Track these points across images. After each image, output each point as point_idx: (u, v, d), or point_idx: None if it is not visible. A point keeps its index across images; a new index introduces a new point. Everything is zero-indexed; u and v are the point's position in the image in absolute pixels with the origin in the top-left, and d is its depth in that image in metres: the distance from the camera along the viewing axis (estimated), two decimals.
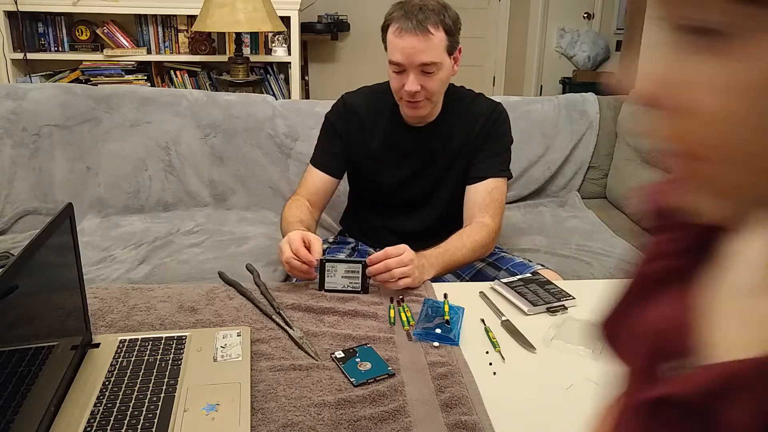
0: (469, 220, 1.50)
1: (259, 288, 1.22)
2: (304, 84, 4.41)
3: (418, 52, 1.37)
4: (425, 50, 1.37)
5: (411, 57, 1.37)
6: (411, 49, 1.37)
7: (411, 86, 1.39)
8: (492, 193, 1.51)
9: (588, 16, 4.99)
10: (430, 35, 1.36)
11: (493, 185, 1.51)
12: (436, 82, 1.41)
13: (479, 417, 0.85)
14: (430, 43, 1.36)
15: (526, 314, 1.16)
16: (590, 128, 2.34)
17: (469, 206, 1.52)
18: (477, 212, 1.49)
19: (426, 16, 1.36)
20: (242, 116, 2.17)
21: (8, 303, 0.72)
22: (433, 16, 1.36)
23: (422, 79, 1.40)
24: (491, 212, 1.49)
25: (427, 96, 1.43)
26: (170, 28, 3.52)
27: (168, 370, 0.92)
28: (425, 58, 1.37)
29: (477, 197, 1.51)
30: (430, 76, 1.40)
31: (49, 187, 2.06)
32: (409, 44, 1.37)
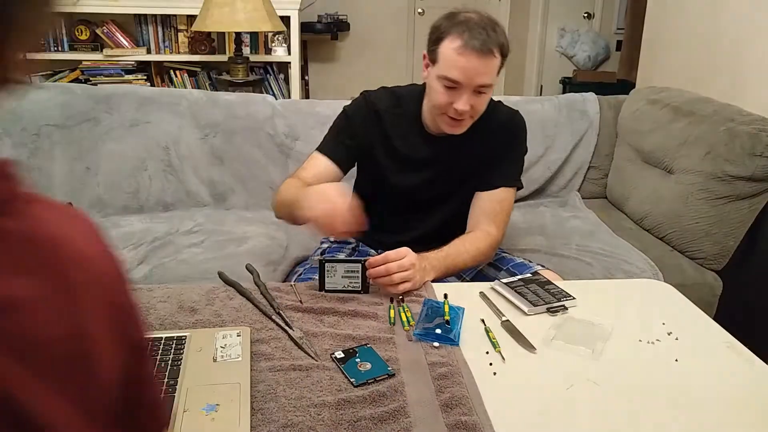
0: (474, 226, 1.49)
1: (259, 288, 1.21)
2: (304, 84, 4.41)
3: (479, 73, 1.33)
4: (486, 72, 1.33)
5: (472, 78, 1.33)
6: (473, 70, 1.32)
7: (463, 106, 1.35)
8: (501, 203, 1.50)
9: (588, 15, 4.99)
10: (493, 58, 1.32)
11: (504, 195, 1.50)
12: (483, 102, 1.39)
13: (479, 417, 0.85)
14: (491, 65, 1.33)
15: (526, 314, 1.16)
16: (590, 128, 2.34)
17: (476, 212, 1.50)
18: (483, 220, 1.48)
19: (490, 37, 1.31)
20: (242, 116, 2.17)
21: None
22: (494, 37, 1.33)
23: (473, 99, 1.36)
24: (497, 222, 1.48)
25: (472, 115, 1.40)
26: (170, 27, 3.51)
27: (168, 371, 0.92)
28: (485, 80, 1.34)
29: (486, 205, 1.49)
30: (481, 96, 1.37)
31: (49, 187, 2.06)
32: (472, 65, 1.32)
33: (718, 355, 1.05)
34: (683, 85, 2.36)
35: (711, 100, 2.05)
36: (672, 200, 1.95)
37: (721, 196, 1.82)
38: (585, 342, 1.05)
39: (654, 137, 2.10)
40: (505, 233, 1.52)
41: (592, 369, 0.99)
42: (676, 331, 1.11)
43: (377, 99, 1.53)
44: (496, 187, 1.50)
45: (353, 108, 1.55)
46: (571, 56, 4.96)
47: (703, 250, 1.85)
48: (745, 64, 2.16)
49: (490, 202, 1.50)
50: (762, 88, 2.08)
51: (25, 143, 2.04)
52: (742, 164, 1.76)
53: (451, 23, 1.35)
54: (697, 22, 2.45)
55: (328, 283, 1.23)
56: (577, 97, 2.39)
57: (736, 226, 1.82)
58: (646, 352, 1.05)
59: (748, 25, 2.15)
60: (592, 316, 1.15)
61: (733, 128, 1.81)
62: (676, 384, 0.96)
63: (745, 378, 0.99)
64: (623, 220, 2.15)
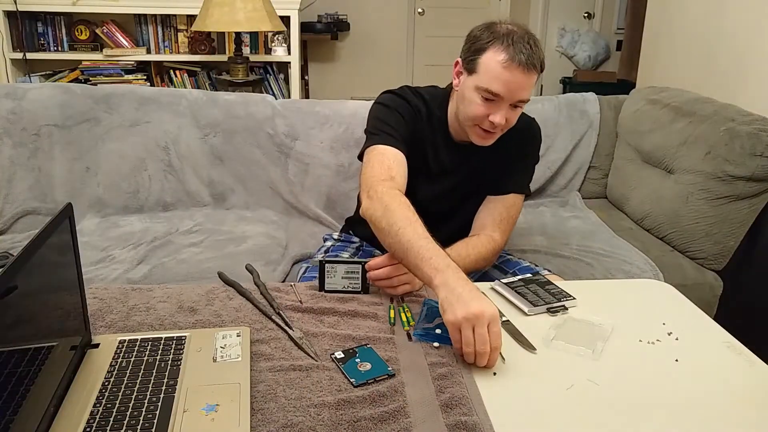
0: (479, 230, 1.48)
1: (259, 288, 1.21)
2: (303, 84, 4.41)
3: (522, 88, 1.31)
4: (527, 87, 1.32)
5: (514, 92, 1.31)
6: (516, 84, 1.30)
7: (500, 119, 1.33)
8: (509, 209, 1.49)
9: (588, 15, 4.99)
10: (535, 73, 1.31)
11: (513, 201, 1.50)
12: (517, 116, 1.38)
13: (479, 417, 0.85)
14: (531, 81, 1.31)
15: (526, 314, 1.16)
16: (591, 128, 2.34)
17: (483, 216, 1.50)
18: (489, 225, 1.47)
19: (534, 52, 1.29)
20: (242, 116, 2.17)
21: (8, 303, 0.72)
22: (538, 52, 1.31)
23: (509, 113, 1.35)
24: (503, 229, 1.48)
25: (503, 128, 1.38)
26: (170, 27, 3.52)
27: (168, 371, 0.92)
28: (525, 95, 1.32)
29: (494, 210, 1.49)
30: (516, 111, 1.36)
31: (49, 187, 2.06)
32: (515, 79, 1.29)
33: (718, 355, 1.05)
34: (683, 85, 2.36)
35: (711, 100, 2.05)
36: (672, 200, 1.95)
37: (721, 196, 1.82)
38: (585, 342, 1.05)
39: (654, 137, 2.10)
40: (508, 239, 1.52)
41: (592, 369, 0.99)
42: (677, 331, 1.11)
43: (410, 97, 1.47)
44: (507, 192, 1.50)
45: (394, 99, 1.46)
46: (572, 56, 4.96)
47: (703, 250, 1.85)
48: (745, 64, 2.16)
49: (500, 207, 1.49)
50: (762, 88, 2.08)
51: (25, 143, 2.04)
52: (743, 164, 1.76)
53: (493, 35, 1.31)
54: (697, 22, 2.45)
55: (328, 284, 1.23)
56: (578, 97, 2.39)
57: (737, 226, 1.82)
58: (646, 353, 1.05)
59: (748, 25, 2.15)
60: (592, 316, 1.14)
61: (733, 128, 1.81)
62: (676, 384, 0.96)
63: (745, 378, 0.99)
64: (623, 220, 2.15)
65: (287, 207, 2.17)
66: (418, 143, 1.46)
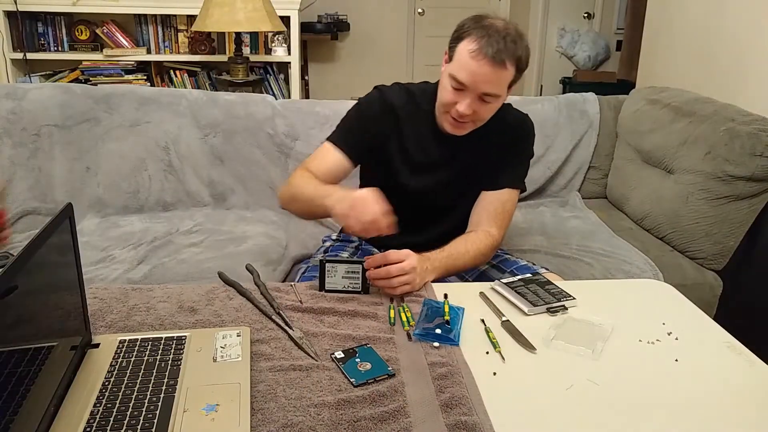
0: (476, 226, 1.48)
1: (259, 288, 1.21)
2: (303, 84, 4.41)
3: (486, 81, 1.31)
4: (493, 81, 1.32)
5: (477, 84, 1.32)
6: (481, 76, 1.31)
7: (465, 109, 1.34)
8: (504, 204, 1.50)
9: (588, 15, 4.99)
10: (504, 69, 1.31)
11: (507, 196, 1.50)
12: (488, 110, 1.38)
13: (479, 417, 0.85)
14: (501, 76, 1.32)
15: (526, 314, 1.16)
16: (590, 128, 2.34)
17: (479, 212, 1.50)
18: (485, 220, 1.48)
19: (507, 47, 1.29)
20: (242, 116, 2.17)
21: (8, 303, 0.72)
22: (512, 49, 1.30)
23: (477, 105, 1.35)
24: (499, 223, 1.48)
25: (474, 120, 1.39)
26: (170, 27, 3.52)
27: (168, 371, 0.92)
28: (491, 89, 1.33)
29: (489, 205, 1.49)
30: (485, 104, 1.36)
31: (49, 187, 2.06)
32: (481, 71, 1.30)
33: (718, 355, 1.05)
34: (683, 85, 2.36)
35: (711, 100, 2.05)
36: (672, 200, 1.95)
37: (721, 196, 1.82)
38: (585, 342, 1.05)
39: (654, 137, 2.10)
40: (505, 234, 1.52)
41: (592, 369, 0.99)
42: (676, 331, 1.11)
43: (392, 95, 1.50)
44: (502, 187, 1.50)
45: (367, 101, 1.51)
46: (571, 56, 4.96)
47: (703, 250, 1.85)
48: (745, 64, 2.16)
49: (495, 202, 1.49)
50: (762, 88, 2.08)
51: (25, 143, 2.04)
52: (742, 164, 1.76)
53: (474, 25, 1.33)
54: (696, 22, 2.45)
55: (328, 284, 1.23)
56: (577, 97, 2.39)
57: (736, 226, 1.82)
58: (646, 353, 1.05)
59: (748, 25, 2.15)
60: (592, 316, 1.15)
61: (733, 128, 1.81)
62: (676, 384, 0.96)
63: (745, 378, 0.99)
64: (623, 220, 2.15)
65: None
66: (395, 136, 1.49)
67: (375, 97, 1.51)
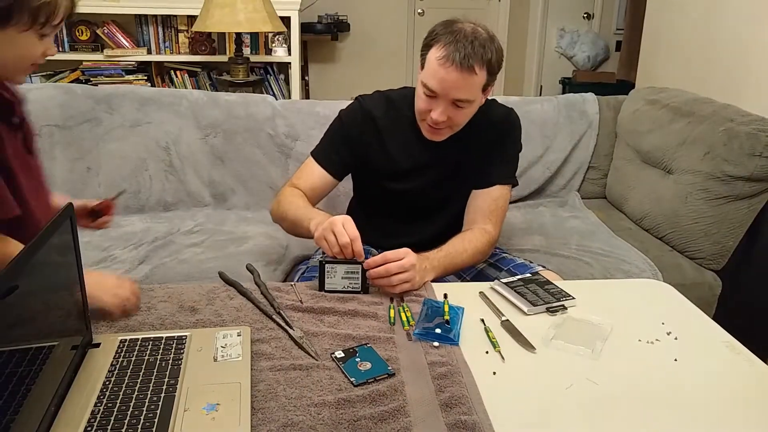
0: (471, 224, 1.49)
1: (260, 288, 1.22)
2: (304, 84, 4.41)
3: (456, 87, 1.32)
4: (463, 87, 1.32)
5: (447, 90, 1.32)
6: (450, 83, 1.31)
7: (438, 117, 1.36)
8: (497, 201, 1.50)
9: (588, 16, 5.00)
10: (473, 75, 1.30)
11: (499, 192, 1.51)
12: (463, 115, 1.39)
13: (479, 417, 0.86)
14: (470, 81, 1.31)
15: (525, 314, 1.16)
16: (590, 128, 2.34)
17: (473, 210, 1.51)
18: (480, 218, 1.48)
19: (475, 52, 1.29)
20: (242, 116, 2.17)
21: (9, 303, 0.72)
22: (480, 53, 1.30)
23: (451, 111, 1.36)
24: (494, 220, 1.49)
25: (450, 125, 1.40)
26: (170, 28, 3.52)
27: (168, 370, 0.92)
28: (461, 95, 1.33)
29: (482, 203, 1.50)
30: (460, 110, 1.36)
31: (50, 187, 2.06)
32: (450, 77, 1.30)
33: (718, 354, 1.06)
34: (683, 85, 2.36)
35: (710, 101, 2.06)
36: (671, 200, 1.95)
37: (720, 196, 1.82)
38: (584, 342, 1.06)
39: (653, 137, 2.10)
40: (501, 230, 1.53)
41: (592, 369, 0.99)
42: (676, 331, 1.11)
43: (372, 104, 1.53)
44: (492, 184, 1.51)
45: (348, 114, 1.54)
46: (571, 56, 4.96)
47: (702, 250, 1.85)
48: (745, 64, 2.16)
49: (487, 199, 1.50)
50: (761, 89, 2.08)
51: None
52: (741, 164, 1.76)
53: (443, 31, 1.34)
54: (696, 22, 2.45)
55: (328, 284, 1.23)
56: (577, 97, 2.39)
57: (736, 226, 1.82)
58: (646, 352, 1.05)
59: (748, 25, 2.16)
60: (591, 316, 1.15)
61: (732, 128, 1.81)
62: (676, 384, 0.97)
63: (745, 378, 0.99)
64: (622, 220, 2.15)
65: None
66: (378, 145, 1.52)
67: (355, 109, 1.54)
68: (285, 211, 1.46)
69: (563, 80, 4.94)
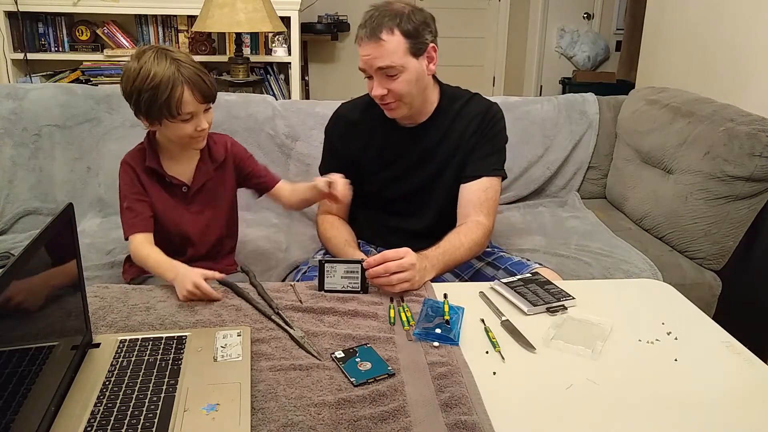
0: (464, 218, 1.51)
1: (257, 289, 1.22)
2: (304, 84, 4.41)
3: (373, 58, 1.40)
4: (380, 56, 1.40)
5: (368, 63, 1.42)
6: (367, 56, 1.41)
7: (375, 91, 1.44)
8: (486, 192, 1.52)
9: (588, 16, 4.99)
10: (382, 42, 1.39)
11: (488, 184, 1.52)
12: (402, 84, 1.43)
13: (479, 417, 0.86)
14: (384, 49, 1.39)
15: (525, 314, 1.16)
16: (590, 128, 2.34)
17: (464, 204, 1.53)
18: (471, 211, 1.50)
19: (380, 23, 1.39)
20: (242, 116, 2.17)
21: (9, 303, 0.72)
22: (388, 21, 1.38)
23: (387, 83, 1.43)
24: (485, 211, 1.50)
25: (395, 98, 1.45)
26: (170, 28, 3.52)
27: (168, 370, 0.92)
28: (381, 63, 1.40)
29: (472, 196, 1.52)
30: (394, 79, 1.42)
31: (50, 187, 2.06)
32: (366, 51, 1.41)
33: (718, 354, 1.06)
34: (683, 85, 2.36)
35: (710, 100, 2.06)
36: (671, 200, 1.95)
37: (720, 196, 1.82)
38: (584, 342, 1.06)
39: (653, 137, 2.10)
40: (494, 221, 1.55)
41: (592, 369, 0.99)
42: (676, 331, 1.11)
43: (349, 110, 1.61)
44: (479, 176, 1.53)
45: (330, 127, 1.64)
46: (571, 56, 4.96)
47: (702, 250, 1.85)
48: (745, 64, 2.16)
49: (475, 191, 1.52)
50: (762, 88, 2.08)
51: (26, 143, 2.05)
52: (741, 164, 1.76)
53: (362, 18, 1.43)
54: (696, 22, 2.45)
55: (327, 284, 1.23)
56: (577, 97, 2.39)
57: (736, 226, 1.82)
58: (646, 352, 1.05)
59: (748, 25, 2.16)
60: (591, 316, 1.15)
61: (732, 128, 1.81)
62: (676, 384, 0.97)
63: (745, 378, 0.99)
64: (622, 220, 2.15)
65: None
66: (360, 143, 1.58)
67: (334, 119, 1.64)
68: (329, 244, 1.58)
69: (563, 80, 4.94)
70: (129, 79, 1.31)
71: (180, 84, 1.29)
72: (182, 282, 1.19)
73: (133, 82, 1.30)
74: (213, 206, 1.49)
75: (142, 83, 1.29)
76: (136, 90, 1.30)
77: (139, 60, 1.30)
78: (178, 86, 1.29)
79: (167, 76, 1.28)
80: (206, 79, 1.34)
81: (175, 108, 1.30)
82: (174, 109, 1.30)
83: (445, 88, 1.58)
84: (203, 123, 1.37)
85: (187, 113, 1.32)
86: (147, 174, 1.43)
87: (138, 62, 1.30)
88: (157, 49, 1.32)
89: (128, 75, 1.31)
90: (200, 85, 1.32)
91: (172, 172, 1.44)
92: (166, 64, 1.29)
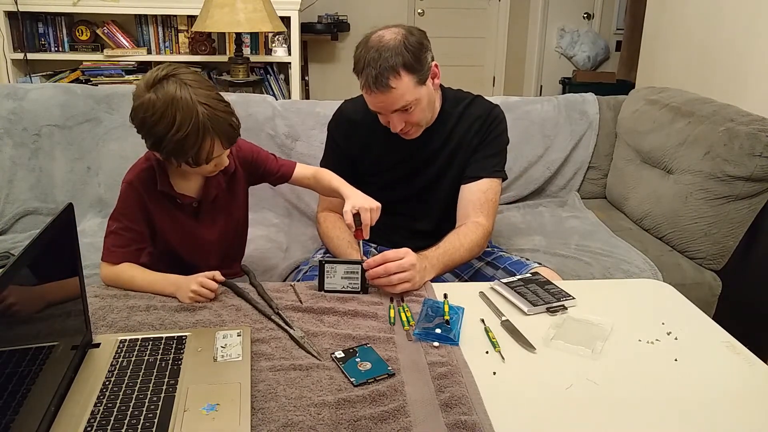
0: (463, 219, 1.51)
1: (257, 289, 1.22)
2: (304, 84, 4.41)
3: (387, 103, 1.39)
4: (393, 101, 1.38)
5: (385, 108, 1.41)
6: (380, 103, 1.40)
7: (395, 128, 1.44)
8: (486, 193, 1.52)
9: (588, 16, 5.00)
10: (392, 89, 1.36)
11: (488, 185, 1.52)
12: (417, 113, 1.43)
13: (479, 417, 0.86)
14: (395, 95, 1.37)
15: (525, 314, 1.16)
16: (590, 128, 2.34)
17: (464, 205, 1.53)
18: (471, 212, 1.50)
19: (384, 68, 1.33)
20: (242, 116, 2.13)
21: (9, 303, 0.72)
22: (390, 63, 1.33)
23: (404, 116, 1.42)
24: (485, 212, 1.50)
25: (414, 125, 1.46)
26: (170, 28, 3.52)
27: (168, 370, 0.92)
28: (396, 106, 1.39)
29: (472, 196, 1.52)
30: (410, 112, 1.42)
31: (50, 187, 2.06)
32: (376, 100, 1.39)
33: (718, 354, 1.06)
34: (683, 85, 2.36)
35: (710, 100, 2.06)
36: (671, 200, 1.95)
37: (720, 196, 1.82)
38: (584, 342, 1.06)
39: (653, 137, 2.10)
40: (494, 223, 1.55)
41: (592, 369, 0.99)
42: (676, 331, 1.11)
43: (352, 109, 1.59)
44: (480, 177, 1.53)
45: (332, 123, 1.63)
46: (571, 56, 4.96)
47: (702, 250, 1.85)
48: (745, 64, 2.16)
49: (476, 192, 1.52)
50: (762, 88, 2.08)
51: (26, 143, 2.05)
52: (742, 164, 1.76)
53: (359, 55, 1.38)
54: (696, 22, 2.45)
55: (327, 284, 1.23)
56: (577, 97, 2.39)
57: (736, 226, 1.82)
58: (646, 352, 1.05)
59: (747, 25, 2.16)
60: (591, 316, 1.15)
61: (732, 128, 1.81)
62: (676, 384, 0.97)
63: (745, 378, 0.99)
64: (622, 220, 2.15)
65: (289, 208, 2.17)
66: (363, 148, 1.58)
67: (337, 117, 1.63)
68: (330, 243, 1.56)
69: (563, 80, 4.94)
70: (147, 122, 1.17)
71: (210, 137, 1.17)
72: (185, 289, 1.17)
73: (154, 125, 1.16)
74: (225, 216, 1.41)
75: (166, 132, 1.15)
76: (156, 135, 1.17)
77: (157, 93, 1.15)
78: (207, 139, 1.17)
79: (195, 128, 1.14)
80: (233, 122, 1.23)
81: (203, 159, 1.19)
82: (201, 160, 1.19)
83: (447, 91, 1.57)
84: (224, 161, 1.27)
85: (216, 158, 1.23)
86: (156, 197, 1.30)
87: (156, 95, 1.15)
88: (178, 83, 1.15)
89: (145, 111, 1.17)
90: (229, 134, 1.21)
91: (181, 189, 1.32)
92: (192, 109, 1.14)
